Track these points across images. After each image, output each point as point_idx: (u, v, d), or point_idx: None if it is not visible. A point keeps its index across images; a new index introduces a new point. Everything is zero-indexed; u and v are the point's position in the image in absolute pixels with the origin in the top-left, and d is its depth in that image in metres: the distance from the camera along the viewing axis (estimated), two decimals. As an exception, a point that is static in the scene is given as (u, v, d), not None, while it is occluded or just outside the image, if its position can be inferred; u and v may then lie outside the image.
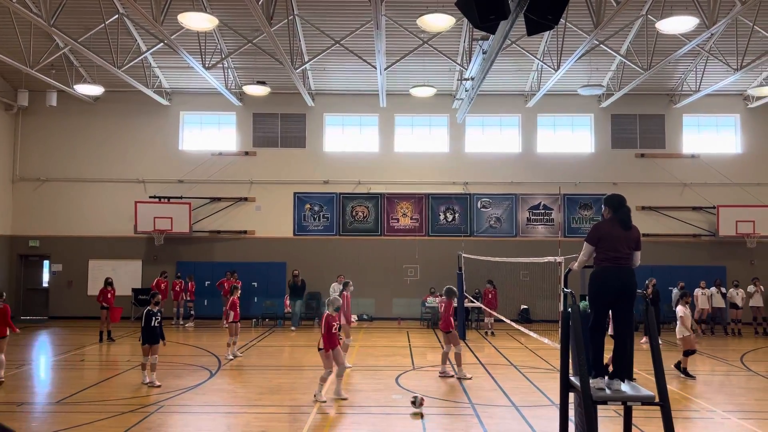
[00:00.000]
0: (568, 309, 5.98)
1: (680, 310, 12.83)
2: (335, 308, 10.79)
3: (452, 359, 12.49)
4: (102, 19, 16.90)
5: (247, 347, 16.13)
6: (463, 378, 12.13)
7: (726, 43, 18.71)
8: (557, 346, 8.57)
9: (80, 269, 22.70)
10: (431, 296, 21.13)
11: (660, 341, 9.97)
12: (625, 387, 5.88)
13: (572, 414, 6.57)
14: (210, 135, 23.65)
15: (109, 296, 17.52)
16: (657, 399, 5.66)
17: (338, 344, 10.72)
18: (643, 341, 16.02)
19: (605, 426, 8.28)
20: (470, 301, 19.22)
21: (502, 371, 13.17)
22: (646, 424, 8.46)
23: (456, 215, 23.01)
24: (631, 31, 18.72)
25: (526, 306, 21.77)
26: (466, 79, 18.34)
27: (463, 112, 21.00)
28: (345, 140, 23.55)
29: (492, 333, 19.10)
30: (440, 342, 17.47)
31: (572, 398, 6.38)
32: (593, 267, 6.13)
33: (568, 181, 22.70)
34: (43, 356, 15.69)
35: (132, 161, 23.02)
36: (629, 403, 5.86)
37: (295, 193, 23.04)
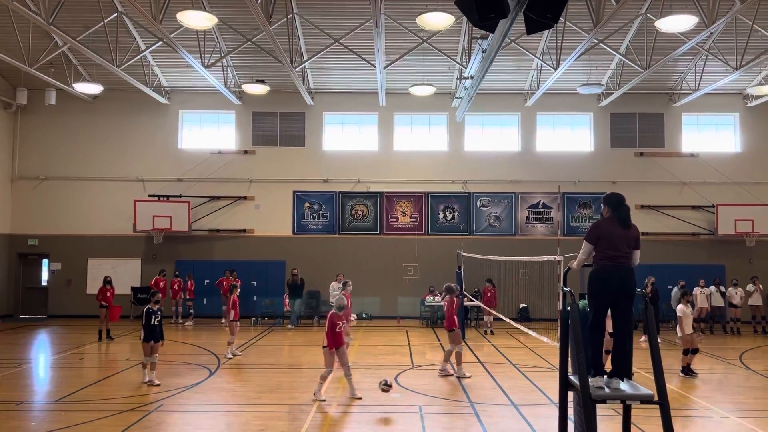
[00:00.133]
0: (568, 308, 5.98)
1: (679, 309, 12.84)
2: (338, 308, 10.80)
3: (452, 358, 12.49)
4: (101, 18, 16.88)
5: (247, 346, 16.13)
6: (463, 377, 12.14)
7: (725, 42, 18.71)
8: (556, 345, 8.58)
9: (79, 268, 22.70)
10: (430, 295, 21.14)
11: (659, 340, 9.97)
12: (624, 386, 5.89)
13: (571, 413, 6.58)
14: (209, 134, 23.64)
15: (108, 295, 17.51)
16: (656, 398, 5.66)
17: (343, 344, 10.69)
18: (642, 340, 16.04)
19: (604, 424, 8.29)
20: (469, 300, 19.23)
21: (502, 370, 13.18)
22: (645, 423, 8.47)
23: (455, 214, 23.02)
24: (631, 30, 18.72)
25: (526, 305, 21.78)
26: (466, 78, 18.34)
27: (463, 111, 20.99)
28: (344, 139, 23.54)
29: (491, 332, 19.12)
30: (439, 341, 17.48)
31: (571, 397, 6.38)
32: (592, 266, 6.13)
33: (568, 180, 22.71)
34: (42, 355, 15.68)
35: (131, 160, 23.00)
36: (628, 402, 5.86)
37: (295, 192, 23.04)
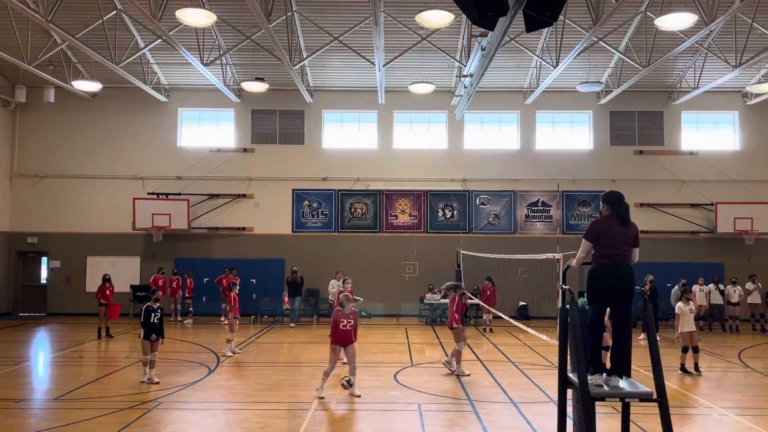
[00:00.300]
0: (567, 306, 5.99)
1: (678, 307, 12.89)
2: (340, 304, 10.83)
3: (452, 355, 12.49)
4: (100, 15, 16.88)
5: (246, 344, 16.13)
6: (462, 375, 12.15)
7: (725, 40, 18.71)
8: (555, 343, 8.58)
9: (78, 266, 22.69)
10: (430, 293, 21.15)
11: (658, 338, 9.98)
12: (623, 383, 5.89)
13: (570, 410, 6.58)
14: (208, 131, 23.63)
15: (108, 293, 17.51)
16: (655, 395, 5.67)
17: (350, 342, 10.61)
18: (642, 338, 16.06)
19: (603, 422, 8.30)
20: (469, 298, 19.23)
21: (501, 368, 13.19)
22: (644, 421, 8.48)
23: (455, 212, 23.02)
24: (630, 28, 18.71)
25: (525, 303, 21.80)
26: (465, 76, 18.32)
27: (462, 109, 20.98)
28: (343, 137, 23.53)
29: (490, 330, 19.13)
30: (438, 339, 17.49)
31: (570, 395, 6.39)
32: (592, 264, 6.14)
33: (567, 178, 22.71)
34: (42, 353, 15.68)
35: (130, 158, 22.98)
36: (627, 400, 5.87)
37: (294, 190, 23.03)
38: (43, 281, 23.34)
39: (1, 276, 22.61)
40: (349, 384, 10.34)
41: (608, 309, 6.24)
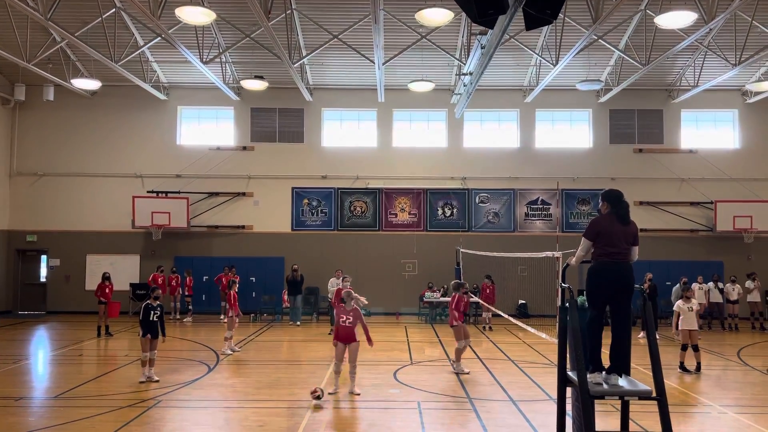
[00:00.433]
0: (566, 304, 5.99)
1: (677, 305, 12.91)
2: (341, 300, 10.89)
3: (452, 354, 12.49)
4: (99, 13, 16.86)
5: (246, 342, 16.14)
6: (461, 373, 12.16)
7: (724, 38, 18.71)
8: (555, 341, 8.58)
9: (78, 264, 22.69)
10: (429, 291, 21.17)
11: (657, 336, 9.98)
12: (623, 382, 5.90)
13: (570, 408, 6.59)
14: (208, 130, 23.62)
15: (107, 291, 17.50)
16: (654, 394, 5.68)
17: (352, 340, 10.57)
18: (641, 336, 16.06)
19: (602, 420, 8.30)
20: (470, 297, 19.25)
21: (500, 366, 13.20)
22: (643, 419, 8.49)
23: (454, 210, 23.02)
24: (630, 26, 18.70)
25: (524, 301, 21.81)
26: (465, 74, 18.31)
27: (462, 107, 20.97)
28: (343, 135, 23.52)
29: (490, 328, 19.14)
30: (438, 337, 17.50)
31: (570, 393, 6.39)
32: (591, 262, 6.14)
33: (566, 176, 22.71)
34: (41, 351, 15.68)
35: (129, 156, 22.98)
36: (626, 398, 5.87)
37: (293, 188, 23.03)
38: (43, 279, 23.34)
39: (1, 274, 22.60)
40: (317, 398, 9.59)
41: (607, 307, 6.25)
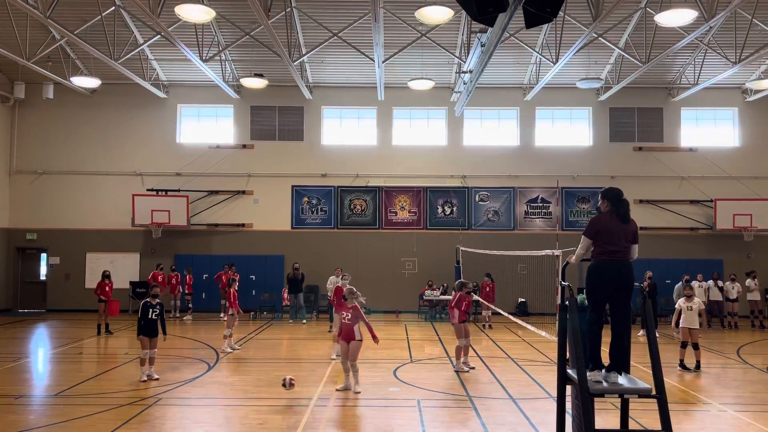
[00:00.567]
0: (566, 302, 5.99)
1: (678, 303, 12.95)
2: (344, 297, 10.94)
3: (452, 352, 12.49)
4: (99, 11, 16.84)
5: (245, 340, 16.14)
6: (461, 371, 12.17)
7: (724, 37, 18.68)
8: (554, 339, 8.59)
9: (78, 262, 22.70)
10: (429, 289, 21.18)
11: (657, 334, 9.99)
12: (622, 380, 5.90)
13: (569, 407, 6.59)
14: (207, 128, 23.61)
15: (107, 289, 17.51)
16: (654, 392, 5.68)
17: (351, 338, 10.58)
18: (641, 334, 16.07)
19: (602, 418, 8.31)
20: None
21: (500, 364, 13.20)
22: (643, 417, 8.49)
23: (454, 208, 23.01)
24: (630, 24, 18.68)
25: (524, 299, 21.81)
26: (465, 72, 18.30)
27: (461, 105, 20.96)
28: (343, 133, 23.51)
29: (489, 326, 19.15)
30: (438, 335, 17.51)
31: (569, 391, 6.40)
32: (591, 260, 6.14)
33: (566, 175, 22.71)
34: (41, 349, 15.68)
35: (129, 154, 22.97)
36: (626, 396, 5.88)
37: (293, 186, 23.02)
38: (43, 277, 23.35)
39: (1, 272, 22.61)
40: (286, 385, 9.75)
41: (607, 305, 6.25)
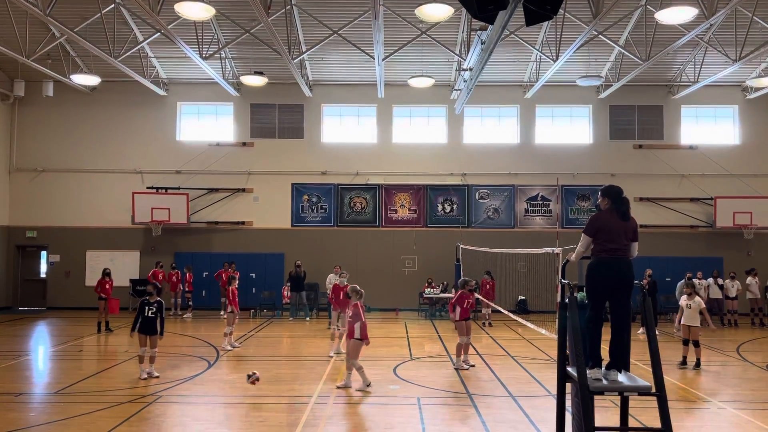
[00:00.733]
0: (566, 300, 5.99)
1: (681, 300, 13.02)
2: (347, 295, 11.01)
3: (452, 350, 12.50)
4: (98, 9, 16.81)
5: (246, 338, 16.15)
6: (461, 368, 12.19)
7: (725, 34, 18.65)
8: (554, 337, 8.59)
9: (78, 260, 22.70)
10: (429, 287, 21.19)
11: (657, 332, 9.99)
12: (622, 377, 5.90)
13: (569, 404, 6.60)
14: (207, 125, 23.59)
15: (107, 287, 17.52)
16: (653, 389, 5.68)
17: (351, 336, 10.62)
18: (640, 332, 16.08)
19: (602, 416, 8.31)
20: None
21: (500, 362, 13.21)
22: (643, 414, 8.50)
23: (454, 206, 23.01)
24: (630, 22, 18.64)
25: (524, 297, 21.82)
26: (465, 70, 18.29)
27: (462, 103, 20.95)
28: (343, 131, 23.49)
29: (489, 324, 19.16)
30: (437, 333, 17.51)
31: (569, 388, 6.40)
32: (591, 258, 6.13)
33: (566, 172, 22.70)
34: (41, 347, 15.70)
35: (129, 152, 22.96)
36: (626, 394, 5.88)
37: (293, 184, 23.01)
38: (43, 275, 23.36)
39: (1, 270, 22.61)
40: (250, 379, 9.68)
41: (607, 303, 6.25)
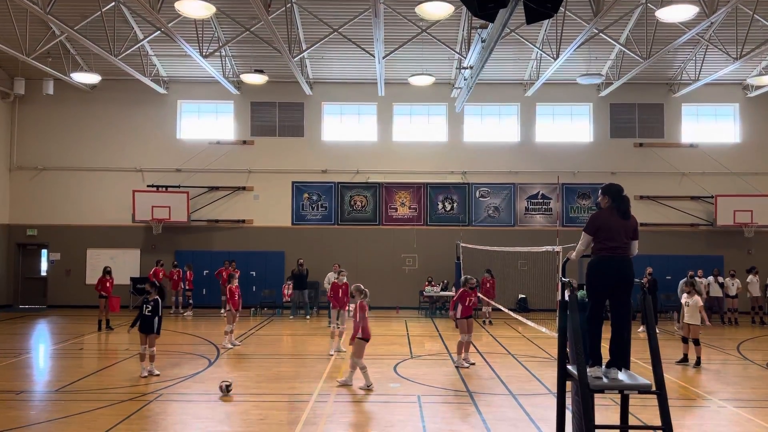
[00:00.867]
0: (566, 298, 5.99)
1: (682, 300, 13.03)
2: (351, 295, 11.06)
3: (452, 348, 12.51)
4: (99, 7, 16.81)
5: (246, 336, 16.16)
6: (461, 367, 12.19)
7: (726, 32, 18.63)
8: (555, 335, 8.59)
9: (78, 258, 22.71)
10: (429, 285, 21.19)
11: (657, 330, 10.00)
12: (622, 375, 5.91)
13: (569, 402, 6.60)
14: (208, 124, 23.59)
15: (108, 285, 17.53)
16: (653, 387, 5.68)
17: (359, 335, 10.63)
18: (641, 330, 16.09)
19: (602, 414, 8.32)
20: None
21: (500, 360, 13.22)
22: (643, 413, 8.51)
23: (454, 204, 23.01)
24: (631, 20, 18.63)
25: (524, 295, 21.83)
26: (465, 68, 18.26)
27: (462, 101, 20.93)
28: (343, 129, 23.49)
29: (490, 322, 19.16)
30: (438, 331, 17.51)
31: (569, 387, 6.40)
32: (591, 256, 6.13)
33: (567, 171, 22.70)
34: (42, 345, 15.71)
35: (129, 150, 22.96)
36: (626, 392, 5.88)
37: (294, 182, 23.01)
38: (43, 273, 23.37)
39: (1, 268, 22.63)
40: (224, 390, 9.77)
41: (607, 301, 6.25)
